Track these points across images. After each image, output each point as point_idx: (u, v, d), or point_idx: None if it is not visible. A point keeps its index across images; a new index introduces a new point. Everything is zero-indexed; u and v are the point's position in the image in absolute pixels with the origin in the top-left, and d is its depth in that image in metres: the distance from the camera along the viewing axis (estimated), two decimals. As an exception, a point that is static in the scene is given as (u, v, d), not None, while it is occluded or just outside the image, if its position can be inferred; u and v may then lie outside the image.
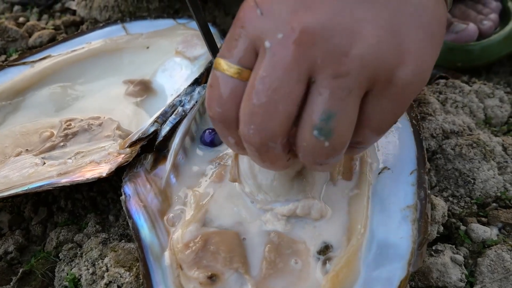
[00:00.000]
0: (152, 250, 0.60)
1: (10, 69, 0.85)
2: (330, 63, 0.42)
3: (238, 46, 0.45)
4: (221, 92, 0.46)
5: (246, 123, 0.45)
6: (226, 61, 0.46)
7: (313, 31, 0.42)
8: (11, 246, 0.70)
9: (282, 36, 0.42)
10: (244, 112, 0.45)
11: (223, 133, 0.50)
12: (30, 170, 0.70)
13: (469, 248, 0.67)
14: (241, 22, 0.45)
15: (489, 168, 0.74)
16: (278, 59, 0.43)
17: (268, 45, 0.43)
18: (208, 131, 0.73)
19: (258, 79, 0.43)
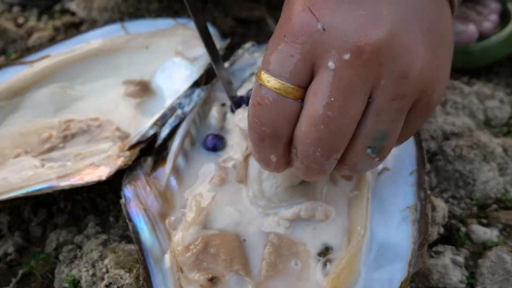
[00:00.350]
0: (153, 253, 0.60)
1: (9, 68, 0.85)
2: (392, 85, 0.42)
3: (294, 64, 0.43)
4: (273, 112, 0.45)
5: (311, 145, 0.45)
6: (279, 80, 0.44)
7: (381, 52, 0.41)
8: (11, 247, 0.70)
9: (349, 57, 0.41)
10: (309, 136, 0.44)
11: (267, 152, 0.49)
12: (29, 172, 0.70)
13: (469, 249, 0.67)
14: (300, 37, 0.42)
15: (490, 170, 0.74)
16: (346, 83, 0.42)
17: (332, 66, 0.42)
18: (210, 136, 0.72)
19: (326, 105, 0.42)
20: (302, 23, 0.42)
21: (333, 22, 0.41)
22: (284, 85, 0.44)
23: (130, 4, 1.11)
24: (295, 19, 0.43)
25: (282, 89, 0.44)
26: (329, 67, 0.42)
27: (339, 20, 0.41)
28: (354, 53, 0.41)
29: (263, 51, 0.83)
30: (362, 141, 0.45)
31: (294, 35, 0.43)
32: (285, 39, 0.43)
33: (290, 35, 0.43)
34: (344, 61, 0.41)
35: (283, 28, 0.44)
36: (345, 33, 0.41)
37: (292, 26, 0.43)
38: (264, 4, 1.22)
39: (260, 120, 0.46)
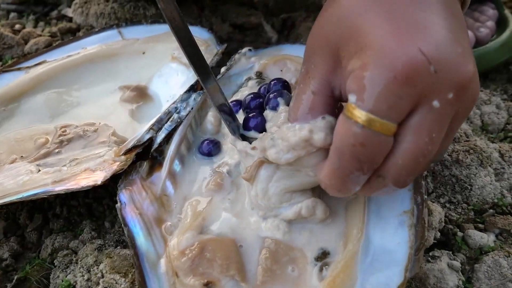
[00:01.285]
0: (148, 257, 0.59)
1: (5, 74, 0.85)
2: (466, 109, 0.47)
3: (402, 106, 0.44)
4: (375, 151, 0.46)
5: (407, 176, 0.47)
6: (385, 121, 0.44)
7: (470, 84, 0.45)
8: (6, 253, 0.70)
9: (452, 96, 0.44)
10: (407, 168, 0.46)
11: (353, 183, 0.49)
12: (25, 177, 0.70)
13: (466, 254, 0.67)
14: (412, 80, 0.43)
15: (486, 175, 0.74)
16: (445, 118, 0.45)
17: (437, 105, 0.44)
18: (206, 141, 0.72)
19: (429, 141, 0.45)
20: (417, 67, 0.43)
21: (441, 63, 0.43)
22: (389, 125, 0.44)
23: (127, 10, 1.11)
24: (410, 62, 0.43)
25: (386, 129, 0.44)
26: (434, 106, 0.44)
27: (445, 60, 0.43)
28: (457, 91, 0.44)
29: (260, 56, 0.83)
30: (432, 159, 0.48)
31: (407, 78, 0.43)
32: (395, 81, 0.43)
33: (402, 78, 0.43)
34: (447, 100, 0.44)
35: (391, 69, 0.43)
36: (450, 73, 0.43)
37: (404, 68, 0.43)
38: (261, 10, 1.22)
39: (360, 159, 0.46)
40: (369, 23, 0.46)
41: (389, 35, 0.44)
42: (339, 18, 0.49)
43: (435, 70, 0.42)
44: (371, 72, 0.44)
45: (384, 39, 0.44)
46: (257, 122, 0.65)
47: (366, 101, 0.44)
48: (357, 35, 0.46)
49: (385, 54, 0.43)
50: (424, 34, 0.43)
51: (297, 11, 1.21)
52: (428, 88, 0.43)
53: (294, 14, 1.19)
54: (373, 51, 0.44)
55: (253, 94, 0.70)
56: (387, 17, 0.45)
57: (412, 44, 0.43)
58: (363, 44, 0.45)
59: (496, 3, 1.06)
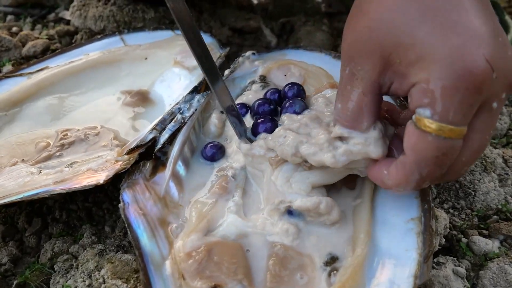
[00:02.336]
0: (153, 259, 0.59)
1: (7, 80, 0.85)
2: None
3: (472, 112, 0.48)
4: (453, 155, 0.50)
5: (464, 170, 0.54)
6: (460, 127, 0.48)
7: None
8: (5, 257, 0.69)
9: (504, 95, 0.49)
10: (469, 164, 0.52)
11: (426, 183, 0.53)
12: (26, 178, 0.69)
13: (470, 260, 0.67)
14: (480, 89, 0.46)
15: (490, 180, 0.74)
16: (498, 115, 0.51)
17: (495, 106, 0.49)
18: (209, 145, 0.72)
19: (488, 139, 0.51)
20: (485, 76, 0.46)
21: (499, 68, 0.46)
22: (463, 130, 0.48)
23: (125, 13, 1.10)
24: (478, 72, 0.45)
25: (461, 134, 0.48)
26: (493, 107, 0.49)
27: (501, 64, 0.47)
28: (508, 90, 0.49)
29: (263, 60, 0.83)
30: None
31: (477, 87, 0.46)
32: (467, 91, 0.46)
33: (473, 88, 0.46)
34: (501, 99, 0.49)
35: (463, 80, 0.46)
36: (505, 76, 0.47)
37: (475, 79, 0.46)
38: (260, 14, 1.22)
39: (442, 166, 0.50)
40: (429, 35, 0.48)
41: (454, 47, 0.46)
42: (393, 25, 0.50)
43: (496, 76, 0.46)
44: (442, 84, 0.46)
45: (450, 52, 0.46)
46: (266, 127, 0.66)
47: (443, 114, 0.47)
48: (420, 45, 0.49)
49: (455, 66, 0.46)
50: (482, 41, 0.46)
51: (296, 16, 1.21)
52: (491, 93, 0.47)
53: (293, 18, 1.19)
54: (440, 64, 0.47)
55: (262, 100, 0.70)
56: (447, 27, 0.47)
57: (477, 54, 0.46)
58: (427, 56, 0.48)
59: (496, 9, 1.06)
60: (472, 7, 0.48)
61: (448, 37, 0.47)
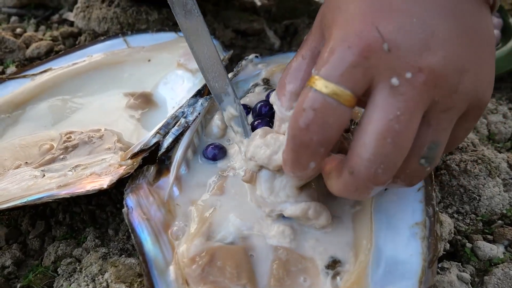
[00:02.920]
0: (157, 264, 0.58)
1: (10, 82, 0.85)
2: (444, 99, 0.46)
3: (356, 75, 0.45)
4: (326, 118, 0.46)
5: (375, 163, 0.46)
6: (338, 86, 0.45)
7: (437, 73, 0.45)
8: (8, 260, 0.69)
9: (410, 76, 0.44)
10: (375, 150, 0.45)
11: (306, 159, 0.49)
12: (29, 182, 0.69)
13: (475, 266, 0.67)
14: (365, 52, 0.45)
15: (495, 185, 0.74)
16: (409, 98, 0.45)
17: (396, 83, 0.45)
18: (211, 146, 0.72)
19: (394, 119, 0.44)
20: (370, 41, 0.45)
21: (396, 43, 0.45)
22: (344, 92, 0.45)
23: (129, 15, 1.10)
24: (362, 34, 0.45)
25: (341, 96, 0.45)
26: (393, 84, 0.45)
27: (401, 42, 0.45)
28: (415, 73, 0.45)
29: (266, 63, 0.83)
30: (416, 153, 0.48)
31: (360, 49, 0.45)
32: (350, 50, 0.45)
33: (356, 48, 0.45)
34: (406, 79, 0.44)
35: (347, 40, 0.46)
36: (406, 54, 0.45)
37: (359, 41, 0.45)
38: (263, 16, 1.22)
39: (309, 126, 0.47)
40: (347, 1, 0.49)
41: (357, 14, 0.47)
42: None
43: (388, 49, 0.45)
44: (330, 43, 0.47)
45: (352, 17, 0.47)
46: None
47: (321, 67, 0.46)
48: (333, 11, 0.50)
49: (347, 30, 0.47)
50: (390, 16, 0.46)
51: (300, 18, 1.21)
52: (382, 65, 0.45)
53: (297, 21, 1.19)
54: (338, 26, 0.48)
55: (263, 102, 0.70)
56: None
57: (373, 23, 0.46)
58: (336, 19, 0.49)
59: (500, 12, 1.06)
60: None
61: (356, 5, 0.48)
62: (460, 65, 0.46)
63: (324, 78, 0.46)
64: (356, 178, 0.47)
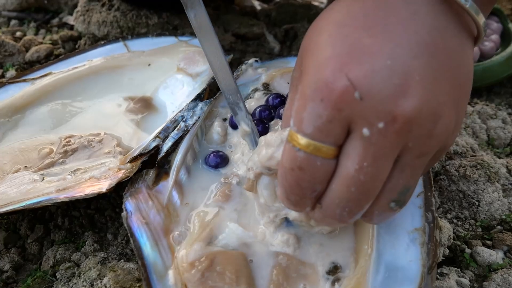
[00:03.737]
0: (156, 268, 0.58)
1: (10, 86, 0.85)
2: (417, 145, 0.45)
3: (334, 130, 0.44)
4: (314, 174, 0.46)
5: (339, 206, 0.47)
6: (319, 143, 0.45)
7: (412, 119, 0.43)
8: (7, 264, 0.69)
9: (383, 126, 0.43)
10: (339, 195, 0.46)
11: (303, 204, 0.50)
12: (28, 186, 0.69)
13: (474, 271, 0.67)
14: (338, 104, 0.43)
15: (494, 190, 0.74)
16: (378, 148, 0.44)
17: (367, 133, 0.43)
18: (213, 154, 0.71)
19: (359, 169, 0.44)
20: (342, 92, 0.43)
21: (369, 90, 0.43)
22: (325, 147, 0.45)
23: (129, 19, 1.11)
24: (333, 85, 0.43)
25: (323, 151, 0.45)
26: (364, 134, 0.43)
27: (374, 89, 0.43)
28: (388, 122, 0.43)
29: (266, 67, 0.82)
30: (387, 197, 0.47)
31: (333, 102, 0.43)
32: (322, 104, 0.44)
33: (328, 102, 0.44)
34: (378, 129, 0.43)
35: (319, 92, 0.44)
36: (380, 102, 0.43)
37: (331, 93, 0.43)
38: (263, 20, 1.22)
39: (300, 183, 0.47)
40: (318, 45, 0.47)
41: (327, 60, 0.45)
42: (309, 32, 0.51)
43: (360, 97, 0.43)
44: (304, 94, 0.46)
45: (322, 64, 0.45)
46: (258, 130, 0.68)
47: (299, 124, 0.46)
48: (307, 55, 0.49)
49: (317, 79, 0.45)
50: (361, 60, 0.44)
51: (299, 22, 1.21)
52: (356, 115, 0.43)
53: (297, 25, 1.19)
54: (309, 75, 0.46)
55: (263, 106, 0.70)
56: (334, 40, 0.46)
57: (342, 70, 0.44)
58: (307, 66, 0.47)
59: (500, 17, 1.06)
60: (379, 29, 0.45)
61: (325, 48, 0.46)
62: (436, 109, 0.44)
63: (303, 135, 0.45)
64: (324, 213, 0.49)
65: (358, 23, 0.46)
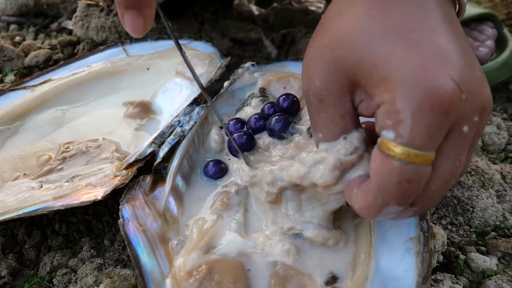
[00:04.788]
0: (153, 277, 0.58)
1: (11, 93, 0.86)
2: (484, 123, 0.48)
3: (441, 135, 0.44)
4: (420, 183, 0.46)
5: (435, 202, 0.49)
6: (427, 152, 0.44)
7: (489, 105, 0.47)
8: (4, 270, 0.69)
9: (477, 118, 0.45)
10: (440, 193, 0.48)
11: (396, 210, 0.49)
12: (26, 194, 0.69)
13: (468, 278, 0.67)
14: (448, 110, 0.43)
15: (488, 196, 0.74)
16: (471, 140, 0.47)
17: (466, 130, 0.45)
18: (211, 163, 0.71)
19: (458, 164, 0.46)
20: (452, 97, 0.43)
21: (469, 89, 0.44)
22: (430, 156, 0.44)
23: (127, 24, 1.11)
24: (442, 91, 0.43)
25: (428, 159, 0.44)
26: (464, 131, 0.45)
27: (471, 86, 0.44)
28: (481, 113, 0.45)
29: (263, 72, 0.83)
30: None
31: (444, 109, 0.43)
32: (433, 112, 0.43)
33: (439, 109, 0.43)
34: (473, 123, 0.45)
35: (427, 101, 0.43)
36: (476, 98, 0.45)
37: (441, 99, 0.43)
38: (261, 25, 1.22)
39: (407, 195, 0.46)
40: (391, 54, 0.45)
41: (421, 67, 0.44)
42: (354, 44, 0.48)
43: (466, 98, 0.43)
44: (407, 105, 0.43)
45: (417, 73, 0.43)
46: (242, 142, 0.66)
47: (406, 136, 0.44)
48: (382, 65, 0.46)
49: (419, 87, 0.43)
50: (448, 61, 0.44)
51: (297, 27, 1.21)
52: (460, 115, 0.44)
53: (294, 30, 1.19)
54: (403, 84, 0.44)
55: (258, 115, 0.70)
56: (409, 47, 0.45)
57: (442, 74, 0.43)
58: (391, 76, 0.45)
59: (495, 22, 1.07)
60: (437, 26, 0.46)
61: (410, 56, 0.44)
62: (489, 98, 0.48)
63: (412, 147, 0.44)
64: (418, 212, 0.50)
65: (415, 25, 0.46)
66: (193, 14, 1.18)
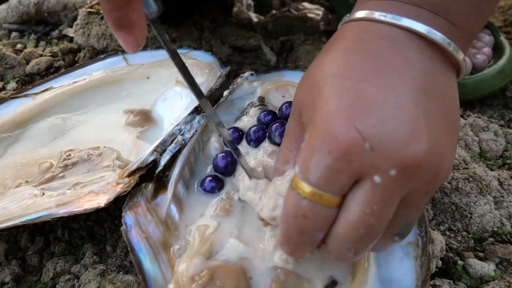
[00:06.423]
0: (156, 283, 0.59)
1: (12, 101, 0.86)
2: (425, 186, 0.46)
3: (342, 180, 0.45)
4: (317, 223, 0.47)
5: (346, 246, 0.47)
6: (326, 193, 0.45)
7: (422, 164, 0.44)
8: (8, 276, 0.70)
9: (395, 173, 0.44)
10: (347, 238, 0.46)
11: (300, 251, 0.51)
12: (28, 201, 0.70)
13: (467, 283, 0.68)
14: (346, 155, 0.44)
15: (486, 203, 0.75)
16: (389, 193, 0.45)
17: (378, 181, 0.44)
18: (208, 178, 0.71)
19: (369, 213, 0.45)
20: (351, 143, 0.44)
21: (380, 140, 0.44)
22: (332, 198, 0.45)
23: (127, 32, 1.11)
24: (341, 137, 0.44)
25: (328, 200, 0.45)
26: (375, 181, 0.44)
27: (385, 138, 0.44)
28: (400, 169, 0.44)
29: (261, 81, 0.83)
30: (391, 231, 0.49)
31: (341, 153, 0.44)
32: (330, 155, 0.44)
33: (337, 153, 0.44)
34: (390, 176, 0.44)
35: (327, 144, 0.44)
36: (392, 151, 0.44)
37: (339, 144, 0.44)
38: (260, 33, 1.23)
39: (303, 231, 0.48)
40: (321, 98, 0.47)
41: (334, 112, 0.45)
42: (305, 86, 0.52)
43: (371, 148, 0.43)
44: (311, 146, 0.46)
45: (329, 117, 0.45)
46: (226, 163, 0.70)
47: (306, 174, 0.46)
48: (308, 110, 0.49)
49: (326, 131, 0.45)
50: (368, 111, 0.45)
51: (296, 34, 1.22)
52: (367, 164, 0.44)
53: (293, 37, 1.20)
54: (316, 126, 0.46)
55: (257, 127, 0.71)
56: (339, 93, 0.46)
57: (350, 121, 0.44)
58: (314, 117, 0.48)
59: (492, 29, 1.08)
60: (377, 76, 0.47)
61: (330, 101, 0.46)
62: (441, 150, 0.46)
63: (311, 185, 0.46)
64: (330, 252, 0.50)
65: (357, 74, 0.47)
66: (192, 22, 1.19)
